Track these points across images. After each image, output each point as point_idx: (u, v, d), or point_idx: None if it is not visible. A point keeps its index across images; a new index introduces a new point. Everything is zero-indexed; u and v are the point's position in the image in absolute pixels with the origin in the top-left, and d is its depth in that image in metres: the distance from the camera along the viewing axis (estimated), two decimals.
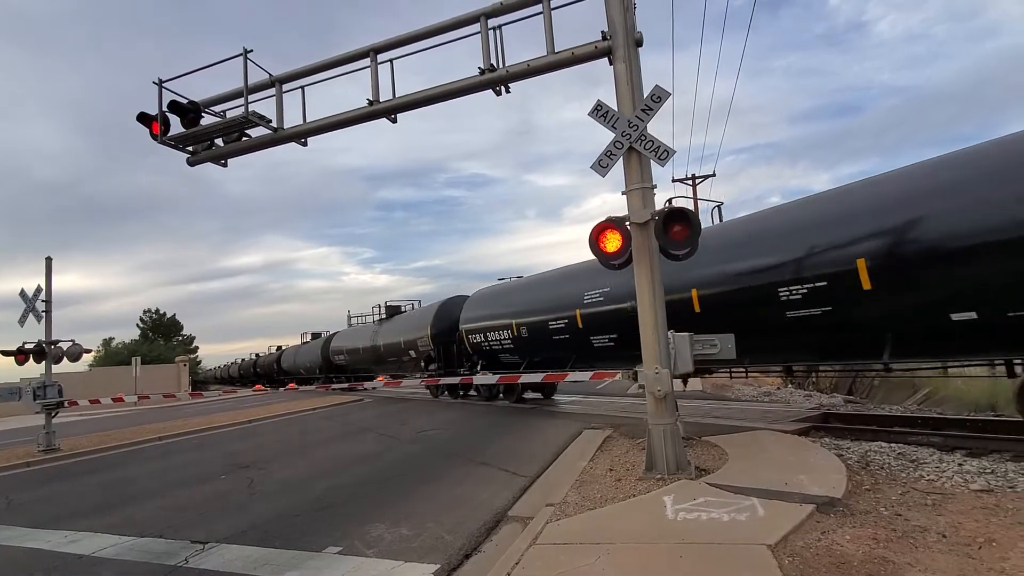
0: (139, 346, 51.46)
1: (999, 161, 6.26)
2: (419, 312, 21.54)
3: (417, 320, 20.11)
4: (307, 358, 33.38)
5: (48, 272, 12.94)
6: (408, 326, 20.71)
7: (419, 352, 19.29)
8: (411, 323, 20.65)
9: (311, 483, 7.61)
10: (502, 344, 14.49)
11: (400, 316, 23.18)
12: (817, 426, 8.68)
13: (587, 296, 11.44)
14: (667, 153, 6.19)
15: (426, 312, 19.92)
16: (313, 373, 32.58)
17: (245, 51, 8.53)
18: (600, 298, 11.12)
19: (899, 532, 4.16)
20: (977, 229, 6.07)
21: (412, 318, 21.34)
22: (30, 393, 12.59)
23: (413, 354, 19.86)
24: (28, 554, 5.48)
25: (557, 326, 12.35)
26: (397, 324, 22.16)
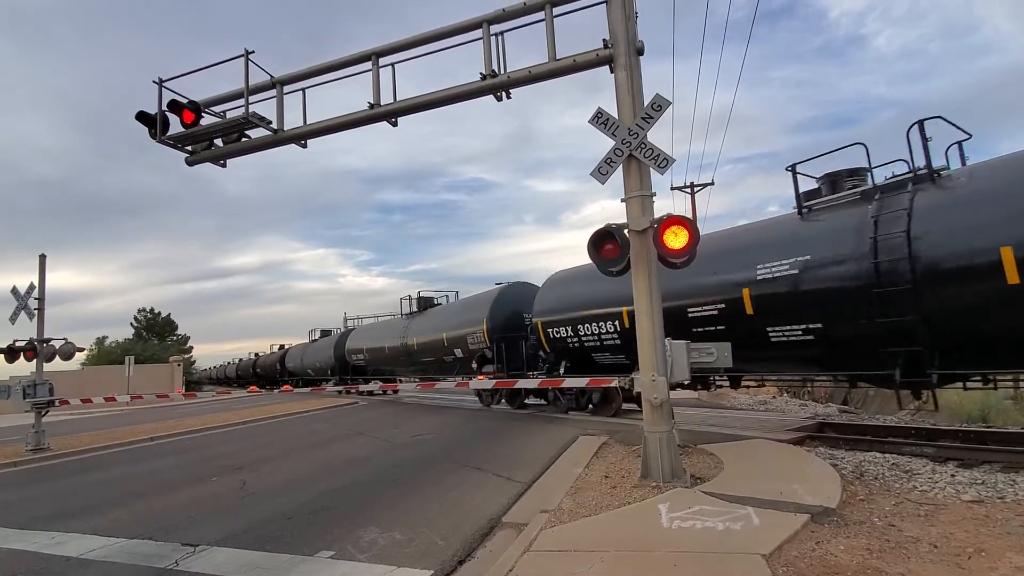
0: (133, 345, 51.09)
1: None
2: (464, 303, 18.43)
3: (465, 312, 17.18)
4: (317, 358, 30.79)
5: (42, 269, 12.86)
6: (452, 320, 17.79)
7: (469, 351, 16.32)
8: (456, 316, 17.69)
9: (304, 486, 7.55)
10: (600, 339, 11.59)
11: (436, 310, 20.49)
12: (812, 435, 8.70)
13: (764, 268, 8.53)
14: (667, 161, 6.22)
15: (478, 303, 16.84)
16: (324, 374, 29.93)
17: (247, 52, 8.53)
18: (789, 269, 8.23)
19: (892, 542, 4.19)
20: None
21: (456, 311, 18.33)
22: (19, 391, 12.46)
23: (459, 353, 16.93)
24: (12, 556, 5.40)
25: (706, 312, 9.30)
26: (434, 318, 19.46)
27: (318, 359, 30.37)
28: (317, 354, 30.85)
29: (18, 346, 12.65)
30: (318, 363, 30.34)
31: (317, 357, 30.66)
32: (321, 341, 32.15)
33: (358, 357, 25.13)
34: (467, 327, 16.43)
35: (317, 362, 30.53)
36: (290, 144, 9.07)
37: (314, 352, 31.71)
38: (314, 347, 32.44)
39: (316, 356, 30.91)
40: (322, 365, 29.75)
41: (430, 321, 19.50)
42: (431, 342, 18.80)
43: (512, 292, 15.91)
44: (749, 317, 8.74)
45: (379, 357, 23.30)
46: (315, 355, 31.13)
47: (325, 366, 29.22)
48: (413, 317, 20.91)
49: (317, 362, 30.53)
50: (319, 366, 30.29)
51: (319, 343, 32.08)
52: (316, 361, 30.70)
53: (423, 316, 20.42)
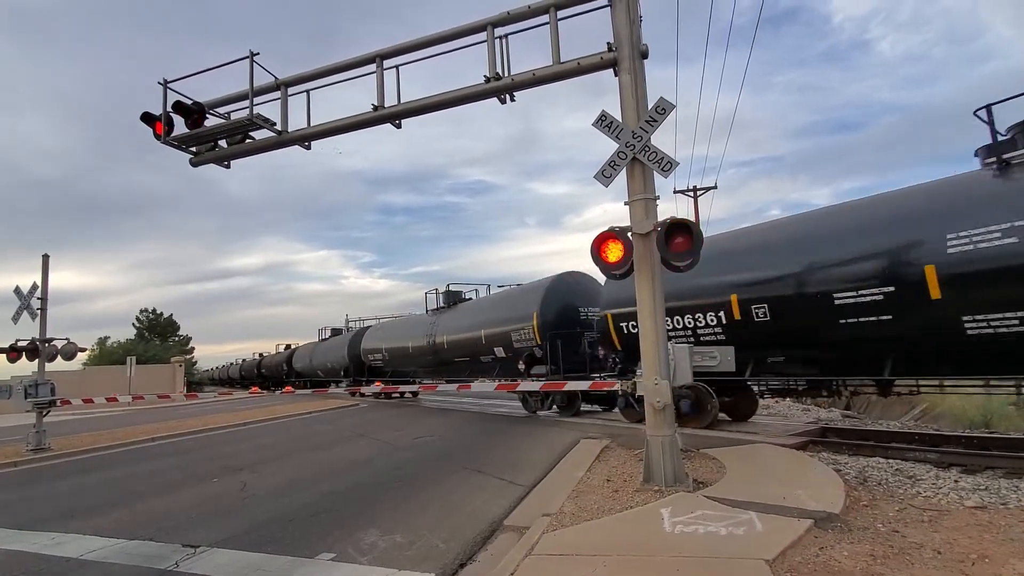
0: (135, 346, 51.14)
1: None
2: (506, 297, 16.43)
3: (508, 307, 15.32)
4: (328, 358, 28.86)
5: (45, 269, 12.88)
6: (492, 315, 15.81)
7: (513, 350, 14.42)
8: (497, 311, 15.75)
9: (305, 487, 7.54)
10: (696, 334, 9.79)
11: (467, 305, 18.39)
12: (815, 440, 8.65)
13: (958, 239, 6.74)
14: (670, 164, 6.22)
15: (525, 295, 15.01)
16: (335, 375, 28.14)
17: (252, 54, 8.55)
18: (1003, 238, 6.39)
19: (896, 548, 4.17)
20: None
21: (496, 305, 16.35)
22: (21, 391, 12.47)
23: (501, 352, 15.04)
24: (11, 556, 5.39)
25: (864, 298, 7.53)
26: (468, 314, 17.43)
27: (329, 359, 28.71)
28: (328, 354, 29.06)
29: (20, 346, 12.66)
30: (329, 363, 28.69)
31: (328, 357, 28.90)
32: (332, 340, 30.32)
33: (375, 357, 23.18)
34: (512, 323, 14.47)
35: (328, 362, 28.80)
36: (294, 146, 9.09)
37: (325, 352, 29.91)
38: (324, 346, 30.63)
39: (327, 356, 29.20)
40: (334, 365, 28.04)
41: (463, 317, 17.52)
42: (465, 340, 16.81)
43: (564, 283, 14.03)
44: (934, 303, 6.91)
45: (400, 357, 21.31)
46: (326, 355, 29.42)
47: (337, 367, 27.49)
48: (441, 313, 18.78)
49: (328, 362, 28.80)
50: (330, 366, 28.60)
51: (330, 342, 30.28)
52: (327, 361, 29.02)
53: (453, 312, 18.39)
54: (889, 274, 7.31)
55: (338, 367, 27.29)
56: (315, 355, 31.18)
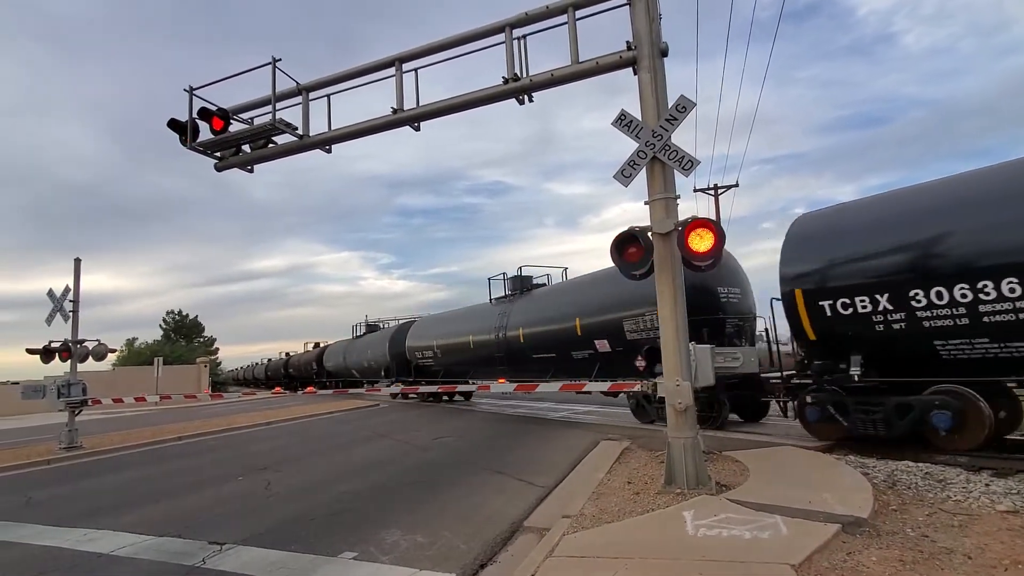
0: (161, 346, 52.35)
1: None
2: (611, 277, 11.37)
3: (619, 289, 11.34)
4: (364, 356, 26.37)
5: (76, 273, 13.26)
6: (593, 300, 12.83)
7: (626, 343, 11.72)
8: (600, 295, 12.59)
9: (326, 487, 7.63)
10: (972, 317, 6.68)
11: (547, 290, 15.90)
12: (842, 443, 8.47)
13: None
14: (691, 163, 6.16)
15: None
16: (373, 375, 25.60)
17: (274, 60, 8.70)
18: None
19: (926, 554, 4.07)
20: None
21: (599, 287, 12.85)
22: (54, 391, 12.85)
23: (605, 346, 12.25)
24: (46, 552, 5.54)
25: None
26: (552, 301, 14.76)
27: (366, 357, 26.18)
28: (364, 352, 26.54)
29: (53, 347, 13.06)
30: (366, 362, 26.18)
31: (364, 355, 26.42)
32: (369, 337, 27.60)
33: (424, 355, 20.57)
34: (625, 309, 11.48)
35: (365, 361, 26.29)
36: (315, 149, 9.22)
37: (360, 349, 27.43)
38: (360, 344, 28.07)
39: (364, 354, 26.67)
40: (372, 364, 25.43)
41: (544, 305, 14.85)
42: (550, 333, 14.01)
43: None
44: None
45: (457, 354, 18.41)
46: (362, 353, 26.87)
47: (376, 365, 24.91)
48: (512, 301, 16.03)
49: (365, 361, 26.29)
50: (367, 365, 26.04)
51: (366, 339, 27.61)
52: (364, 360, 26.52)
53: (528, 299, 15.75)
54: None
55: (377, 366, 24.88)
56: (349, 353, 28.96)
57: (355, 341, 29.36)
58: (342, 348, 30.80)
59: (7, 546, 5.80)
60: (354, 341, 29.52)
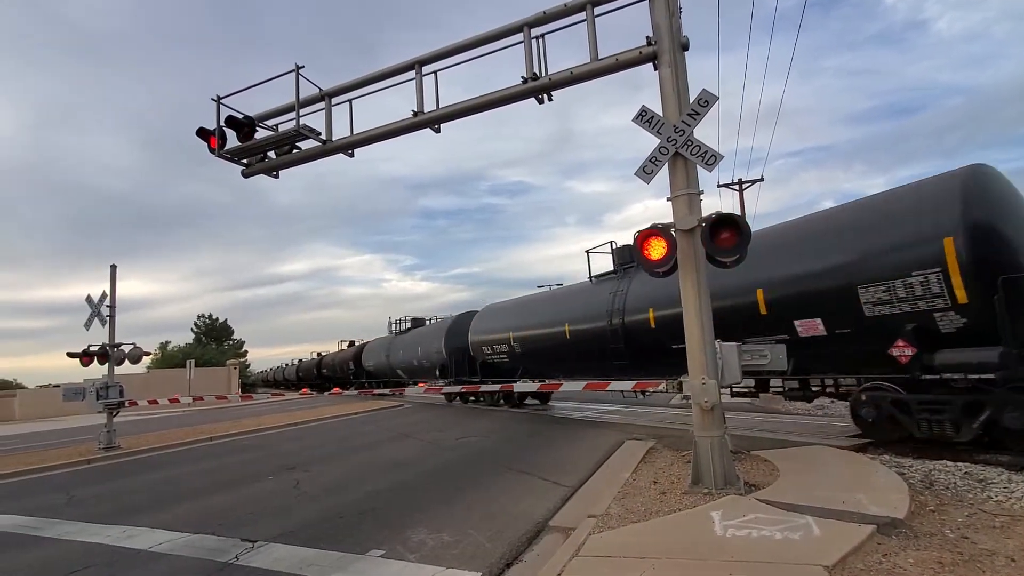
0: (193, 349, 53.79)
1: None
2: (851, 214, 8.38)
3: (840, 244, 8.03)
4: (413, 353, 23.44)
5: (112, 279, 13.73)
6: (794, 262, 8.66)
7: (865, 324, 7.66)
8: (798, 258, 8.64)
9: (354, 486, 7.74)
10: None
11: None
12: (876, 442, 8.24)
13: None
14: (714, 158, 6.06)
15: (908, 205, 7.46)
16: (424, 375, 23.06)
17: (297, 67, 8.86)
18: None
19: (966, 556, 3.93)
20: None
21: (792, 250, 8.85)
22: (93, 393, 13.35)
23: (819, 327, 8.18)
24: (88, 548, 5.75)
25: None
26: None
27: (415, 355, 23.17)
28: (413, 348, 23.59)
29: (92, 351, 13.54)
30: (416, 360, 23.17)
31: (413, 352, 23.42)
32: (417, 332, 24.52)
33: (496, 350, 16.94)
34: (861, 272, 7.65)
35: (414, 359, 23.30)
36: (338, 154, 9.36)
37: (407, 346, 24.43)
38: (406, 340, 25.00)
39: (411, 351, 23.75)
40: (423, 362, 22.41)
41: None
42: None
43: (987, 178, 7.19)
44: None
45: (546, 348, 14.89)
46: (410, 349, 24.01)
47: (429, 363, 21.77)
48: (630, 276, 12.23)
49: (414, 359, 23.30)
50: (417, 364, 23.09)
51: (413, 335, 24.59)
52: (412, 358, 23.54)
53: (631, 280, 12.17)
54: None
55: (429, 364, 21.75)
56: (393, 351, 26.09)
57: (399, 337, 26.38)
58: (383, 345, 27.95)
59: (51, 542, 6.04)
60: (397, 338, 26.60)
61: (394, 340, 26.80)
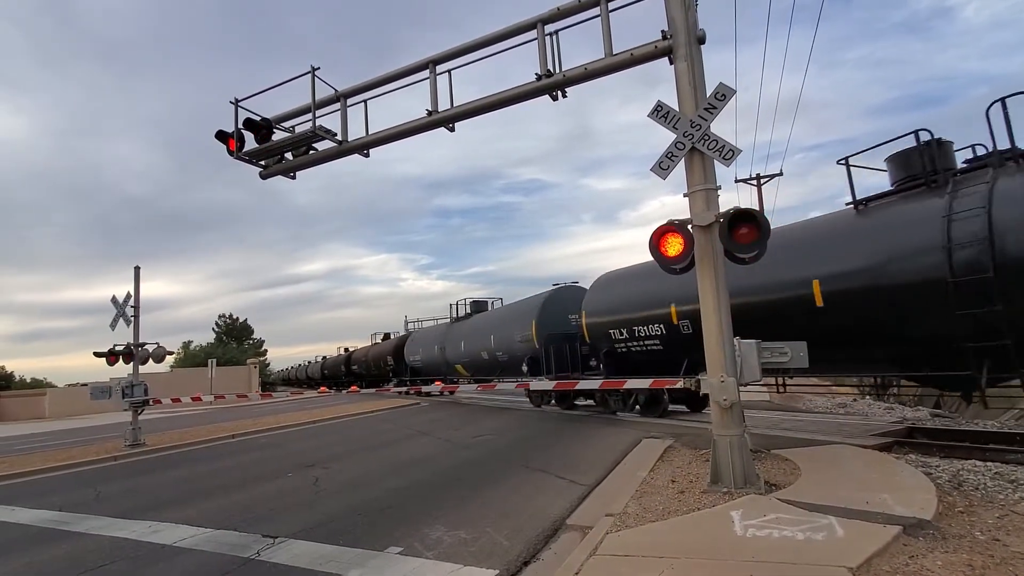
0: (214, 349, 54.77)
1: None
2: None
3: None
4: (482, 345, 19.19)
5: (136, 280, 14.03)
6: None
7: None
8: None
9: (372, 483, 7.80)
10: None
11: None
12: (901, 441, 8.05)
13: None
14: (732, 153, 5.97)
15: None
16: (504, 371, 18.36)
17: (313, 69, 8.95)
18: None
19: (997, 558, 3.81)
20: None
21: None
22: (119, 392, 13.68)
23: None
24: (114, 543, 5.88)
25: None
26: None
27: (487, 345, 18.84)
28: (483, 337, 19.28)
29: (117, 350, 13.87)
30: (486, 352, 18.89)
31: (483, 342, 19.16)
32: (486, 317, 20.45)
33: (641, 334, 12.09)
34: None
35: (485, 350, 19.03)
36: (354, 154, 9.43)
37: (472, 335, 20.22)
38: (465, 328, 20.94)
39: (481, 341, 19.41)
40: (499, 355, 18.15)
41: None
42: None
43: None
44: None
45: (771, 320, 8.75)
46: (477, 340, 19.75)
47: (510, 356, 17.37)
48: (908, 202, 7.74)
49: (485, 350, 19.03)
50: (487, 357, 18.93)
51: (484, 319, 20.44)
52: (482, 349, 19.27)
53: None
54: None
55: (511, 357, 17.29)
56: (449, 342, 21.82)
57: (457, 326, 21.73)
58: (436, 336, 23.39)
59: (79, 536, 6.20)
60: (455, 325, 22.00)
61: (451, 328, 22.20)
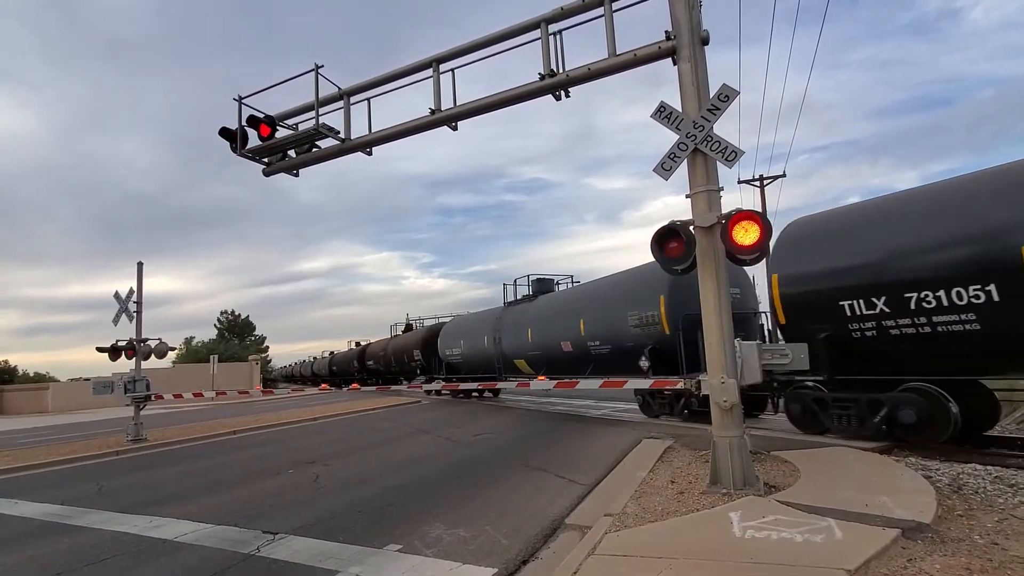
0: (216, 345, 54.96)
1: None
2: None
3: None
4: (555, 333, 15.31)
5: (139, 276, 14.07)
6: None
7: None
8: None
9: (372, 481, 7.82)
10: None
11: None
12: (901, 444, 8.05)
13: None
14: (735, 154, 5.97)
15: None
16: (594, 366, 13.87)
17: (316, 67, 8.96)
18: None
19: (995, 563, 3.81)
20: None
21: None
22: (121, 387, 13.75)
23: None
24: (116, 537, 5.92)
25: None
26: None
27: (573, 334, 14.50)
28: (563, 324, 15.06)
29: (120, 345, 13.91)
30: (574, 341, 14.52)
31: (566, 330, 14.82)
32: (560, 297, 16.73)
33: (911, 306, 7.24)
34: None
35: (569, 340, 14.69)
36: (356, 152, 9.44)
37: (546, 319, 16.03)
38: (536, 311, 16.73)
39: (561, 327, 15.15)
40: (589, 347, 13.93)
41: None
42: None
43: None
44: None
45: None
46: (556, 325, 15.42)
47: (617, 348, 13.05)
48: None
49: (569, 340, 14.69)
50: (573, 349, 14.66)
51: (561, 298, 16.45)
52: (565, 338, 14.86)
53: None
54: None
55: (618, 347, 13.02)
56: (505, 331, 17.71)
57: (516, 310, 17.59)
58: (484, 325, 19.05)
59: (81, 531, 6.23)
60: (514, 310, 17.85)
61: (506, 314, 17.86)
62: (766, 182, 23.52)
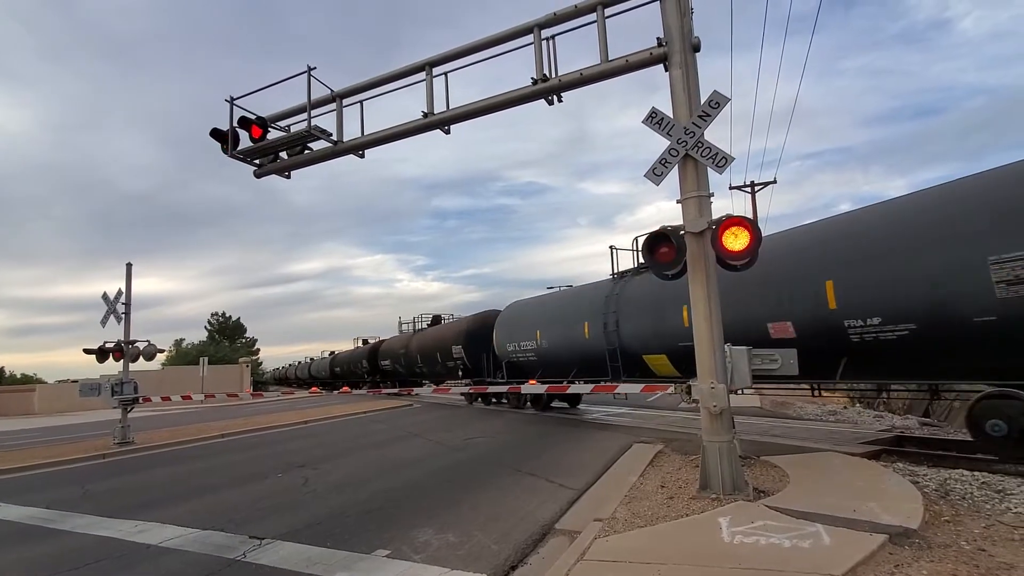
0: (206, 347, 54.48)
1: None
2: None
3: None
4: (754, 311, 8.52)
5: (128, 277, 13.92)
6: None
7: None
8: None
9: (361, 485, 7.76)
10: None
11: None
12: (889, 449, 8.10)
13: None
14: (725, 160, 6.00)
15: None
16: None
17: (309, 68, 8.94)
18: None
19: (982, 568, 3.83)
20: None
21: None
22: (108, 389, 13.57)
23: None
24: (99, 542, 5.83)
25: None
26: None
27: (780, 310, 8.34)
28: (761, 293, 8.55)
29: (107, 347, 13.75)
30: (783, 320, 8.25)
31: (762, 305, 8.54)
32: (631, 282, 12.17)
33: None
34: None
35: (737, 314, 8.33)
36: (349, 155, 9.41)
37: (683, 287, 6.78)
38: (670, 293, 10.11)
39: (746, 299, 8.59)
40: (771, 334, 8.31)
41: None
42: None
43: None
44: None
45: None
46: (747, 299, 8.61)
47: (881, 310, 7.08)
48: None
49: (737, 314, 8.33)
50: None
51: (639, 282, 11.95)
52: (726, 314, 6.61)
53: None
54: None
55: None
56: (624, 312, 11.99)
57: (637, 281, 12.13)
58: (580, 307, 13.74)
59: (65, 535, 6.14)
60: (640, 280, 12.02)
61: (624, 287, 12.40)
62: (757, 188, 23.68)
